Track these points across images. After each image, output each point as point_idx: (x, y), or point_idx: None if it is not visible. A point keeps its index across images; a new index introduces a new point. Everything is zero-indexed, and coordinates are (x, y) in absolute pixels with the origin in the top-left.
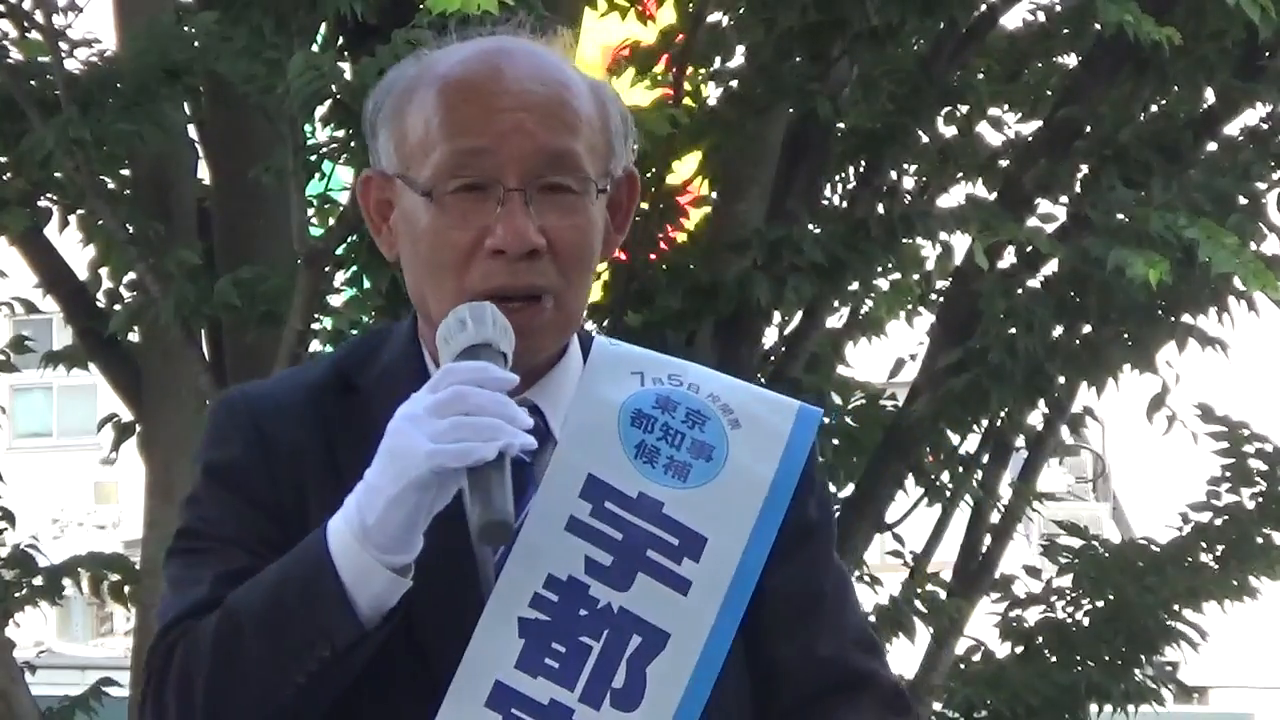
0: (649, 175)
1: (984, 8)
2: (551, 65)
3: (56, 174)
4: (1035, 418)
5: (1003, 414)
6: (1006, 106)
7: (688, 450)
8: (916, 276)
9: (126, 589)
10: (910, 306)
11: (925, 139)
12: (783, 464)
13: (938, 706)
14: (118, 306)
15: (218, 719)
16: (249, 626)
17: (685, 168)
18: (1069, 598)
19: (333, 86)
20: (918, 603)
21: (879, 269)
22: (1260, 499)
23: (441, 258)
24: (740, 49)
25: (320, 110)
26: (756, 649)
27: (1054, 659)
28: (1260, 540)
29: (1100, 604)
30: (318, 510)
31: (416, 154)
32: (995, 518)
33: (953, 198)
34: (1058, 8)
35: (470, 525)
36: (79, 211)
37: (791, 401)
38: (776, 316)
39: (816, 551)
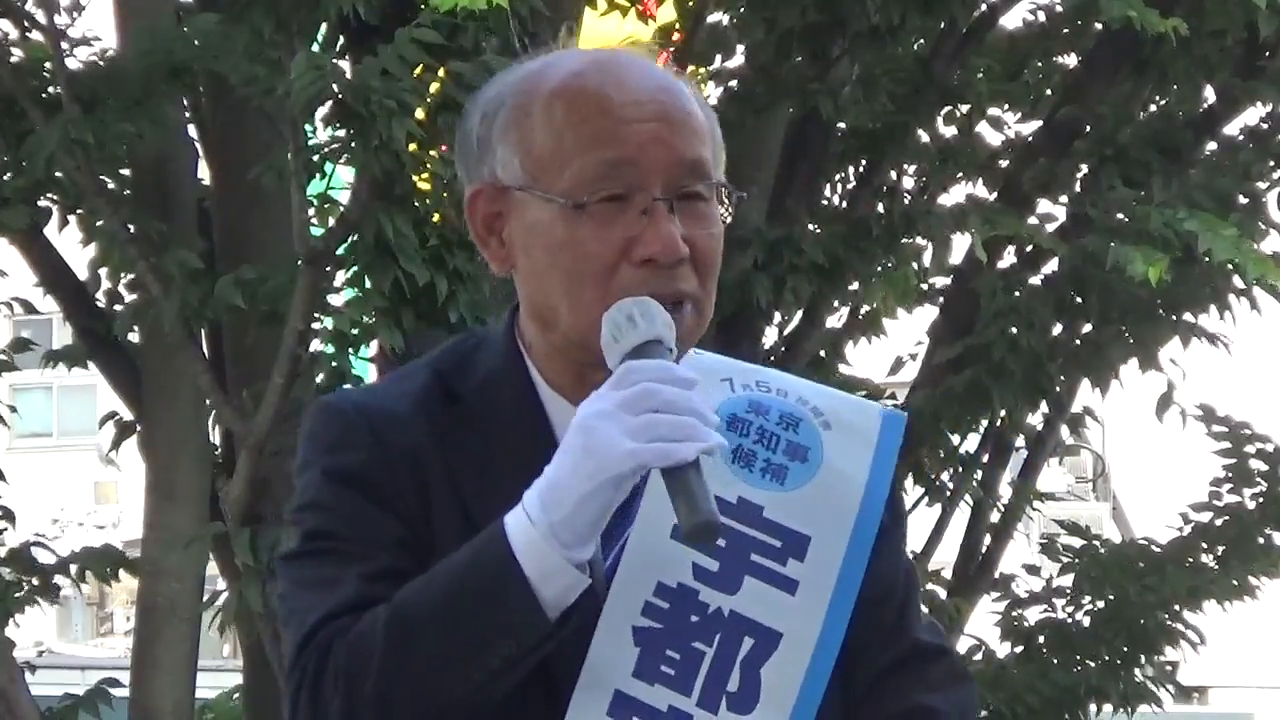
0: None
1: (984, 7)
2: (664, 75)
3: (57, 174)
4: (1035, 418)
5: (1002, 414)
6: (1006, 106)
7: (783, 452)
8: (916, 266)
9: (119, 574)
10: (908, 298)
11: (925, 139)
12: (875, 464)
13: None
14: (118, 306)
15: (386, 714)
16: (425, 624)
17: None
18: (1069, 597)
19: (334, 86)
20: None
21: (879, 268)
22: (1261, 499)
23: (583, 267)
24: (740, 48)
25: (321, 110)
26: None
27: (1054, 659)
28: (1261, 541)
29: (1100, 604)
30: (440, 517)
31: (549, 166)
32: (995, 517)
33: (953, 197)
34: (1058, 7)
35: (680, 526)
36: (79, 211)
37: (874, 404)
38: (776, 316)
39: (892, 547)
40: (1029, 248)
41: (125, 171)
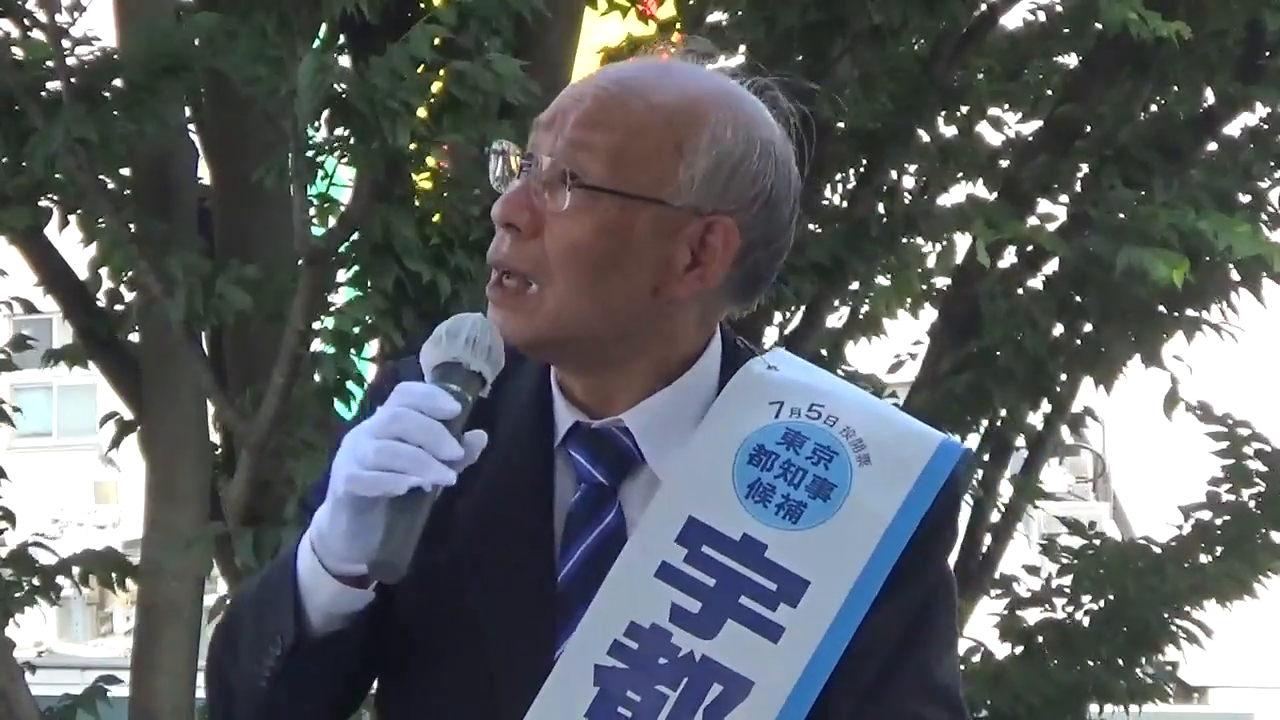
0: None
1: (984, 7)
2: (655, 79)
3: (57, 174)
4: (1035, 417)
5: (1003, 413)
6: (1006, 106)
7: (806, 489)
8: (920, 270)
9: (125, 582)
10: (912, 302)
11: (925, 139)
12: (908, 502)
13: None
14: (118, 306)
15: (227, 702)
16: (244, 615)
17: None
18: (1069, 597)
19: (339, 86)
20: None
21: (879, 268)
22: (1260, 499)
23: None
24: (741, 48)
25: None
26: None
27: (1054, 659)
28: (1260, 540)
29: (1101, 603)
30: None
31: None
32: (995, 517)
33: (953, 197)
34: (1058, 7)
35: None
36: (79, 211)
37: (935, 435)
38: (777, 316)
39: (904, 601)
40: (1029, 248)
41: (126, 171)
